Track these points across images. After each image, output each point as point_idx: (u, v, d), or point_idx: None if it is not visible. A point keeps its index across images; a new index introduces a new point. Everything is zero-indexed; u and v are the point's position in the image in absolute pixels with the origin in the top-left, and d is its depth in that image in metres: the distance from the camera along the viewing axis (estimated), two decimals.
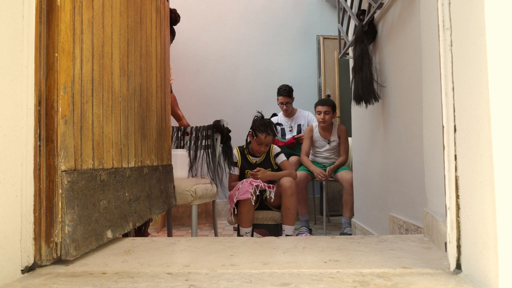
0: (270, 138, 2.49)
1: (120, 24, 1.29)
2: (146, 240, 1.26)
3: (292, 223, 2.37)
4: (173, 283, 0.81)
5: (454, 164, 0.85)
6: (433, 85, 1.17)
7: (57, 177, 0.92)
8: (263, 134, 2.45)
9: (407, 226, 1.67)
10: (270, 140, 2.50)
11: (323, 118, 3.21)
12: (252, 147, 2.55)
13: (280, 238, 1.26)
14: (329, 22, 4.34)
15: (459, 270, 0.83)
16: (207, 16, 4.23)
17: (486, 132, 0.72)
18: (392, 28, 1.93)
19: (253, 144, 2.52)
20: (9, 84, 0.83)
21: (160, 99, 1.75)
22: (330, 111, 3.20)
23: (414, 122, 1.63)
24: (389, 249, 1.08)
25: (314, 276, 0.84)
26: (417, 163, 1.57)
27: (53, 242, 0.91)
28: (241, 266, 0.93)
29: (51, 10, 0.94)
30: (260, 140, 2.47)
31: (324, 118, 3.20)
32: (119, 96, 1.28)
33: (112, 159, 1.21)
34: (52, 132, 0.93)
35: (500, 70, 0.71)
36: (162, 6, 1.81)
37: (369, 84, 2.06)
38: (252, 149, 2.57)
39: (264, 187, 2.29)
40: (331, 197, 4.06)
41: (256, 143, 2.50)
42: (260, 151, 2.54)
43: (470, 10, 0.78)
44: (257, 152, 2.55)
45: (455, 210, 0.84)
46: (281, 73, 4.25)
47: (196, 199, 1.95)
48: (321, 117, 3.22)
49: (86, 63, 1.06)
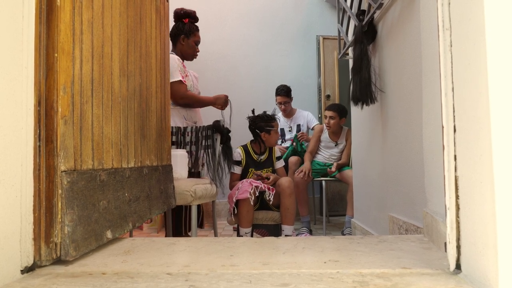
0: (277, 121, 2.69)
1: (120, 25, 1.29)
2: (146, 241, 1.26)
3: (291, 223, 2.38)
4: (173, 283, 0.81)
5: (453, 164, 0.85)
6: (433, 85, 1.17)
7: (57, 177, 0.92)
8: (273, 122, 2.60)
9: (406, 226, 1.67)
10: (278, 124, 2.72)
11: (328, 122, 3.23)
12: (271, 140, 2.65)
13: (280, 238, 1.26)
14: (329, 22, 4.34)
15: (459, 271, 0.83)
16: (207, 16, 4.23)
17: (485, 132, 0.72)
18: (392, 28, 1.93)
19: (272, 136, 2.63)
20: (8, 84, 0.83)
21: (160, 99, 1.75)
22: (335, 117, 3.22)
23: (414, 122, 1.63)
24: (389, 249, 1.08)
25: (314, 277, 0.84)
26: (417, 163, 1.57)
27: (53, 243, 0.91)
28: (241, 266, 0.93)
29: (51, 10, 0.94)
30: (276, 127, 2.63)
31: (329, 123, 3.23)
32: (119, 97, 1.28)
33: (111, 159, 1.21)
34: (52, 132, 0.93)
35: (499, 71, 0.71)
36: (162, 7, 1.81)
37: (367, 85, 2.06)
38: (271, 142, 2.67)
39: (263, 188, 2.29)
40: (331, 197, 4.06)
41: (274, 133, 2.62)
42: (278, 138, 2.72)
43: (470, 10, 0.78)
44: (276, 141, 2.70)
45: (455, 210, 0.84)
46: (280, 73, 4.25)
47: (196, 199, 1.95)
48: (326, 121, 3.25)
49: (85, 64, 1.06)
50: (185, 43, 2.55)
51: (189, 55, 2.60)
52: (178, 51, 2.56)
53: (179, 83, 2.33)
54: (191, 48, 2.57)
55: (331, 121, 3.22)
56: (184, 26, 2.54)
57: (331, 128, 3.25)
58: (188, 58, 2.63)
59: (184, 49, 2.56)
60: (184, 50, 2.56)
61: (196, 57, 2.66)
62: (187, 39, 2.55)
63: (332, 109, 3.25)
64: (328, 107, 3.31)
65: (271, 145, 2.66)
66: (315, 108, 4.27)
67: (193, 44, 2.57)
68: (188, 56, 2.61)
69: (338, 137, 3.33)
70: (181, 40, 2.54)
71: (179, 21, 2.57)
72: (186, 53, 2.58)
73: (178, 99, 2.36)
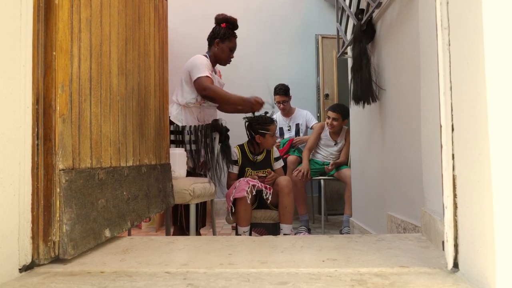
0: (275, 125, 2.62)
1: (118, 23, 1.29)
2: (145, 239, 1.26)
3: (289, 221, 2.38)
4: (171, 282, 0.81)
5: (451, 163, 0.85)
6: (431, 84, 1.17)
7: (55, 176, 0.92)
8: (270, 125, 2.54)
9: (405, 225, 1.68)
10: (275, 127, 2.64)
11: (331, 124, 3.22)
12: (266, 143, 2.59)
13: (278, 237, 1.26)
14: (328, 21, 4.33)
15: (457, 269, 0.84)
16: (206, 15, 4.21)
17: (483, 131, 0.72)
18: (391, 28, 1.93)
19: (267, 140, 2.57)
20: (6, 82, 0.83)
21: (158, 97, 1.75)
22: (339, 119, 3.21)
23: (412, 121, 1.63)
24: (387, 248, 1.08)
25: (312, 275, 0.84)
26: (415, 162, 1.58)
27: (51, 241, 0.91)
28: (239, 265, 0.93)
29: (49, 8, 0.94)
30: (272, 132, 2.56)
31: (332, 124, 3.22)
32: (117, 95, 1.28)
33: (110, 158, 1.21)
34: (50, 130, 0.92)
35: (497, 70, 0.71)
36: (161, 5, 1.81)
37: (368, 84, 2.06)
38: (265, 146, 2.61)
39: (260, 187, 2.29)
40: (329, 196, 4.07)
41: (270, 137, 2.56)
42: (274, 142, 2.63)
43: (468, 10, 0.78)
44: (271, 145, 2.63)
45: (453, 209, 0.85)
46: (279, 72, 4.24)
47: (195, 198, 1.95)
48: (329, 122, 3.24)
49: (84, 62, 1.06)
50: (219, 47, 2.56)
51: (222, 59, 2.60)
52: (212, 53, 2.58)
53: (205, 77, 2.34)
54: (225, 53, 2.57)
55: (334, 122, 3.21)
56: (220, 30, 2.56)
57: (333, 129, 3.25)
58: (221, 63, 2.63)
59: (217, 52, 2.57)
60: (217, 54, 2.57)
61: (229, 63, 2.66)
62: (222, 43, 2.55)
63: (336, 111, 3.22)
64: (332, 108, 3.28)
65: (265, 148, 2.63)
66: (314, 107, 4.27)
67: (227, 49, 2.57)
68: (221, 61, 2.61)
69: (338, 136, 3.33)
70: (216, 44, 2.56)
71: (218, 25, 2.60)
72: (219, 57, 2.58)
73: (201, 90, 2.35)
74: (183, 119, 2.40)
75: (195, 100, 2.41)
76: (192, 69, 2.38)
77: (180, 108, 2.43)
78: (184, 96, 2.43)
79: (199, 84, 2.33)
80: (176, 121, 2.38)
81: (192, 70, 2.38)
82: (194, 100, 2.41)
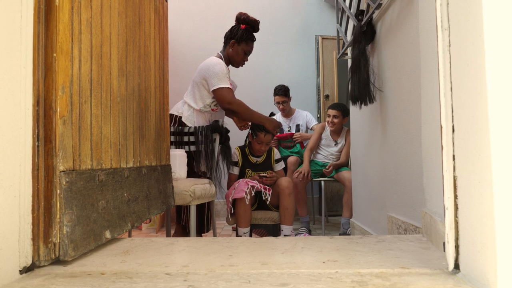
0: (270, 136, 2.52)
1: (118, 24, 1.29)
2: (145, 241, 1.26)
3: (290, 222, 2.38)
4: (172, 283, 0.81)
5: (452, 164, 0.85)
6: (432, 85, 1.17)
7: (56, 177, 0.92)
8: (262, 133, 2.47)
9: (405, 226, 1.67)
10: (269, 138, 2.53)
11: (332, 121, 3.22)
12: (253, 147, 2.56)
13: (279, 238, 1.26)
14: (328, 22, 4.34)
15: (457, 270, 0.84)
16: (206, 15, 4.23)
17: (484, 132, 0.72)
18: (391, 28, 1.93)
19: (254, 144, 2.54)
20: (7, 84, 0.83)
21: (158, 99, 1.75)
22: (339, 116, 3.21)
23: (413, 122, 1.63)
24: (388, 249, 1.08)
25: (313, 276, 0.84)
26: (416, 163, 1.57)
27: (52, 243, 0.91)
28: (240, 266, 0.93)
29: (50, 10, 0.94)
30: (260, 139, 2.49)
31: (333, 121, 3.22)
32: (118, 96, 1.28)
33: (110, 159, 1.21)
34: (51, 132, 0.92)
35: (498, 71, 0.71)
36: (161, 6, 1.81)
37: (366, 85, 2.06)
38: (253, 149, 2.58)
39: (260, 188, 2.29)
40: (330, 197, 4.07)
41: (257, 143, 2.52)
42: (261, 151, 2.56)
43: (468, 10, 0.78)
44: (258, 151, 2.57)
45: (454, 210, 0.85)
46: (279, 73, 4.25)
47: (195, 199, 1.95)
48: (330, 120, 3.24)
49: (84, 63, 1.06)
50: (234, 48, 2.45)
51: (235, 61, 2.50)
52: (226, 54, 2.49)
53: (227, 89, 2.27)
54: (239, 55, 2.47)
55: (335, 120, 3.21)
56: (238, 31, 2.45)
57: (334, 127, 3.25)
58: (234, 65, 2.54)
59: (231, 54, 2.47)
60: (231, 55, 2.47)
61: (242, 66, 2.57)
62: (237, 45, 2.45)
63: (336, 108, 3.24)
64: (332, 106, 3.29)
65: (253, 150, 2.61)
66: (314, 108, 4.27)
67: (241, 52, 2.47)
68: (234, 63, 2.52)
69: (339, 136, 3.33)
70: (231, 44, 2.46)
71: (238, 25, 2.49)
72: (233, 59, 2.49)
73: (225, 103, 2.28)
74: (195, 121, 2.38)
75: (209, 108, 2.36)
76: (211, 77, 2.28)
77: (192, 110, 2.37)
78: (197, 101, 2.36)
79: (221, 96, 2.25)
80: (188, 122, 2.35)
81: (211, 78, 2.28)
82: (208, 107, 2.35)
